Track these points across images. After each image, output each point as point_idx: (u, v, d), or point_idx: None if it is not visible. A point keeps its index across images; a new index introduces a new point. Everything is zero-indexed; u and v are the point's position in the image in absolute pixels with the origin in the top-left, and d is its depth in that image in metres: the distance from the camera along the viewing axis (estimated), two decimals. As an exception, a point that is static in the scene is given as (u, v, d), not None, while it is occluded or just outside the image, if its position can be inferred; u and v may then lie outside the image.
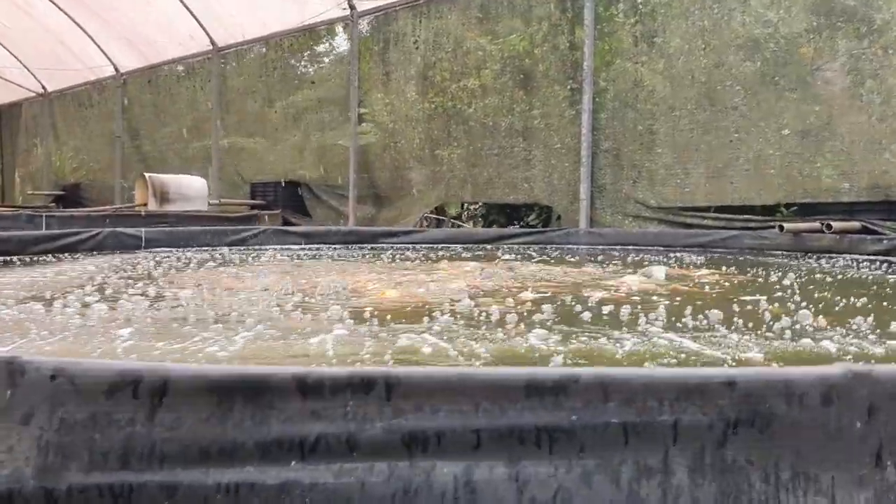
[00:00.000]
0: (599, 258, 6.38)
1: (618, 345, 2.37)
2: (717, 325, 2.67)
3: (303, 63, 12.18)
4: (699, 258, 6.42)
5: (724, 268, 5.33)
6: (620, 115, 8.43)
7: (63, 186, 16.85)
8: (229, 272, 4.99)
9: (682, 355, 2.25)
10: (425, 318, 2.80)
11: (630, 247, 7.34)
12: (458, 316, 2.92)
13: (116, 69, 14.69)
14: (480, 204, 11.21)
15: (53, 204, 16.41)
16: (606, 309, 3.07)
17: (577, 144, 8.59)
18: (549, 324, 2.73)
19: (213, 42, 12.48)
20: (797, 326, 2.69)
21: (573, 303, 3.34)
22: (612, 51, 8.67)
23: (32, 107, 17.92)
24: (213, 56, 12.70)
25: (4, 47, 15.92)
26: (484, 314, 2.93)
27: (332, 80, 11.39)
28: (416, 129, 10.15)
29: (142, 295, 3.56)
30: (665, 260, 6.25)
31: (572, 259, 6.51)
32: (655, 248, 7.29)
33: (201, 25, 12.17)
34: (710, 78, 7.77)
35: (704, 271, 5.20)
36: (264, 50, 12.17)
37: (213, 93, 12.79)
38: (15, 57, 16.11)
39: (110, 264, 5.37)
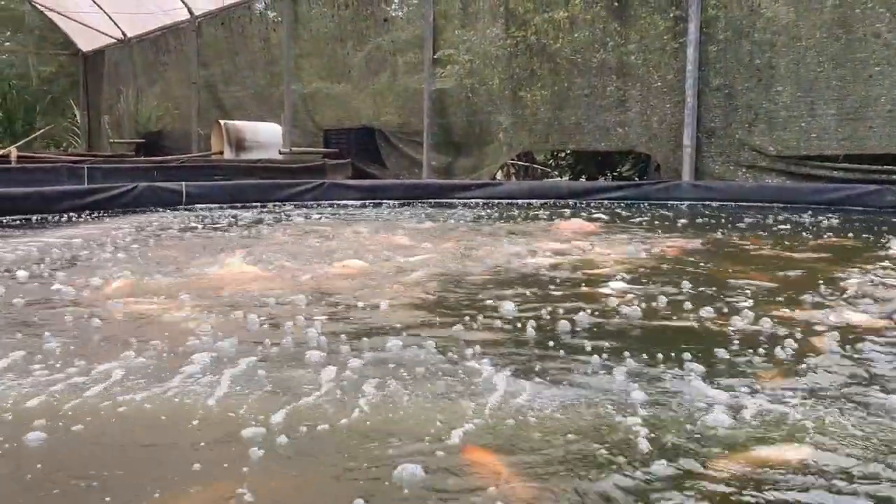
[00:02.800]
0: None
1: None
2: None
3: (388, 2, 11.16)
4: (830, 219, 5.26)
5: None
6: (733, 48, 7.20)
7: (144, 135, 16.52)
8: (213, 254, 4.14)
9: None
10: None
11: (743, 203, 6.20)
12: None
13: (190, 11, 14.08)
14: (569, 152, 10.14)
15: (133, 153, 16.11)
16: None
17: (680, 82, 7.42)
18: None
19: (283, -22, 11.65)
20: None
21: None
22: (724, -29, 7.41)
23: (114, 53, 17.61)
24: (284, -7, 11.88)
25: (82, -8, 15.54)
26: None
27: (417, 21, 10.35)
28: (497, 69, 9.10)
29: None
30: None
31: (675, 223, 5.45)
32: (774, 205, 6.14)
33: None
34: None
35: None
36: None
37: (285, 34, 11.99)
38: (94, 1, 15.71)
39: (103, 231, 4.62)
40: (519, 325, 2.20)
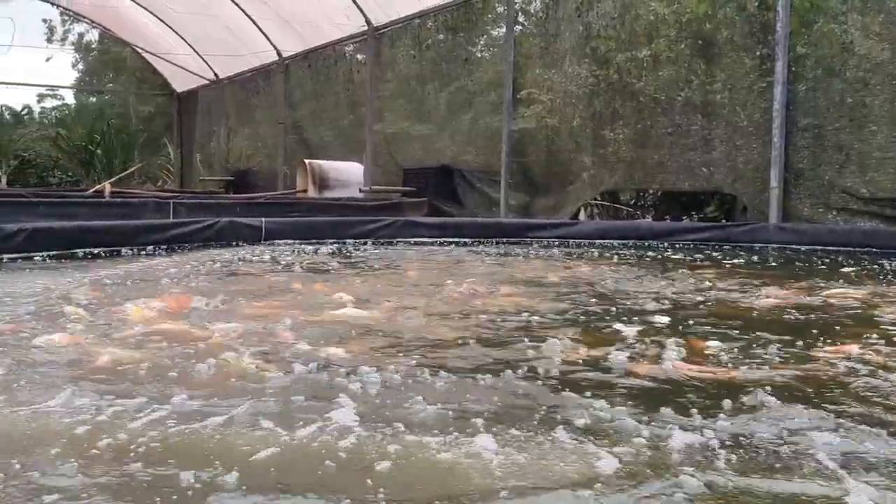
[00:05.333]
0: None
1: None
2: None
3: (472, 44, 11.20)
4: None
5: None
6: (823, 87, 6.94)
7: (233, 172, 16.99)
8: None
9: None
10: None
11: (832, 248, 5.92)
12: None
13: (279, 53, 14.49)
14: (652, 191, 9.94)
15: (223, 190, 16.58)
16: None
17: (767, 122, 7.19)
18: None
19: (368, 21, 11.88)
20: None
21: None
22: (814, 9, 7.19)
23: (207, 94, 18.24)
24: (368, 37, 12.10)
25: (179, 35, 16.19)
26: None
27: (501, 62, 10.35)
28: (578, 108, 9.01)
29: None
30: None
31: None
32: (866, 249, 5.84)
33: (356, 3, 11.58)
34: (944, 35, 6.16)
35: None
36: (428, 24, 11.28)
37: (367, 75, 12.20)
38: (188, 44, 16.36)
39: (144, 267, 4.68)
40: None
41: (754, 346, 2.48)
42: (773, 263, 5.36)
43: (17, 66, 31.42)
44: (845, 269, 4.83)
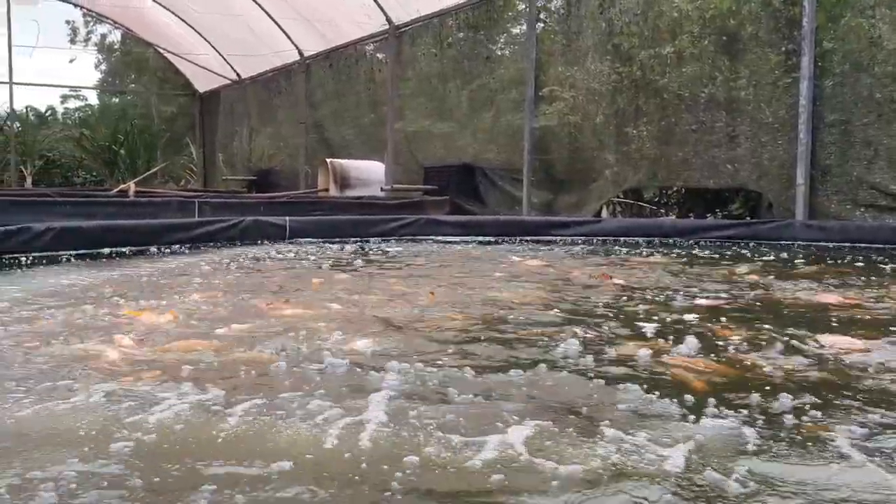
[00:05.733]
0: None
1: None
2: None
3: (493, 41, 11.19)
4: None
5: None
6: (851, 82, 6.86)
7: (256, 172, 17.07)
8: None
9: None
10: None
11: (860, 245, 5.85)
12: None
13: (300, 53, 14.53)
14: (676, 189, 9.88)
15: (245, 189, 16.66)
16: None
17: (793, 118, 7.12)
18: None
19: (389, 20, 11.88)
20: None
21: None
22: (841, 3, 7.10)
23: (229, 94, 18.33)
24: (389, 36, 12.10)
25: (201, 35, 16.28)
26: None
27: (522, 60, 10.32)
28: (600, 105, 8.96)
29: None
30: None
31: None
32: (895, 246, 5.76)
33: (377, 2, 11.59)
34: (975, 29, 6.07)
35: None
36: (449, 22, 11.27)
37: (388, 74, 12.21)
38: (210, 44, 16.45)
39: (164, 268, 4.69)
40: None
41: (791, 340, 2.45)
42: (803, 260, 5.30)
43: (40, 68, 31.75)
44: (883, 266, 4.79)
